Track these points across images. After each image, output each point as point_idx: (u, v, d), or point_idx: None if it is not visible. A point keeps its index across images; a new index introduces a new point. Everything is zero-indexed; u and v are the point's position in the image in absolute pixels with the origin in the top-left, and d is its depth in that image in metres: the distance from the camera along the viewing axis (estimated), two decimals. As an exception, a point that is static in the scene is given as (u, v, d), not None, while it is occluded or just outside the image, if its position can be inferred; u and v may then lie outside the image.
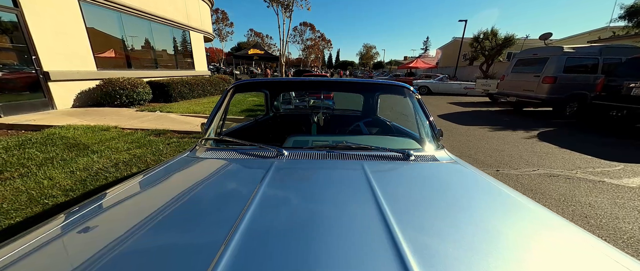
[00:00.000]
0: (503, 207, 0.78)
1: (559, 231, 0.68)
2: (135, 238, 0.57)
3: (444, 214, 0.71)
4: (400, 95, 1.66)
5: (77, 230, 0.63)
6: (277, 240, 0.56)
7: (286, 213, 0.68)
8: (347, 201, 0.76)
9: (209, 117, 1.49)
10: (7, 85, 4.63)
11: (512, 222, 0.69)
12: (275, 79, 1.68)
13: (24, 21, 4.74)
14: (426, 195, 0.86)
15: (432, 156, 1.20)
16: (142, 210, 0.71)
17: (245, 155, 1.15)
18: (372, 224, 0.61)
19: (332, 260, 0.49)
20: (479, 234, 0.61)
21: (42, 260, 0.52)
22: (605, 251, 0.60)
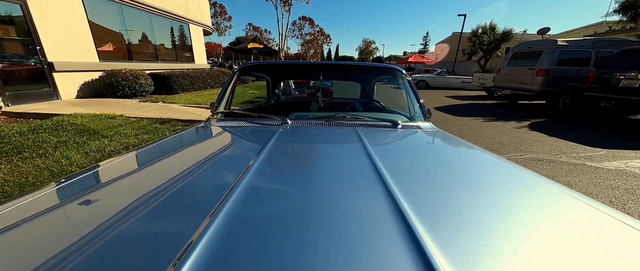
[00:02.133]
0: (477, 160, 0.95)
1: (518, 175, 0.79)
2: (142, 190, 0.63)
3: (422, 156, 0.88)
4: (393, 76, 1.82)
5: (83, 188, 0.66)
6: (281, 185, 0.67)
7: (291, 164, 0.85)
8: (344, 154, 0.93)
9: (219, 96, 1.66)
10: (14, 75, 4.74)
11: (484, 172, 0.84)
12: (278, 62, 1.83)
13: (28, 12, 4.82)
14: (408, 146, 1.03)
15: (417, 125, 1.38)
16: (155, 168, 0.80)
17: (254, 124, 1.32)
18: (365, 170, 0.75)
19: (333, 195, 0.60)
20: (448, 177, 0.77)
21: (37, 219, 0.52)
22: (580, 199, 0.65)
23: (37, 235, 0.46)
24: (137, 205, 0.55)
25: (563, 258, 0.42)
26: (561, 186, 0.72)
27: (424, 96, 10.22)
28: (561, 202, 0.64)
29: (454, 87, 14.08)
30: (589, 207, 0.61)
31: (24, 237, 0.45)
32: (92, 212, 0.54)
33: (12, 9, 4.66)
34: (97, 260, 0.38)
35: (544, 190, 0.70)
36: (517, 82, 7.63)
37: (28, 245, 0.43)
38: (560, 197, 0.66)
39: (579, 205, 0.63)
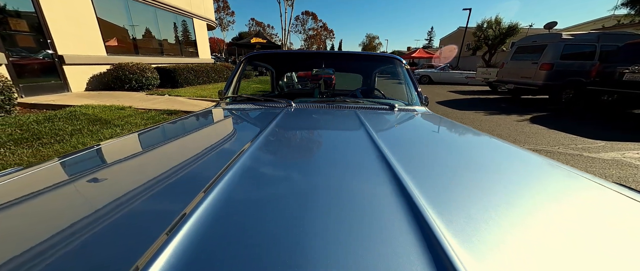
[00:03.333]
0: (474, 139, 1.03)
1: (513, 151, 0.85)
2: (148, 164, 0.68)
3: (418, 134, 0.98)
4: (392, 65, 1.91)
5: (86, 159, 0.71)
6: (284, 157, 0.74)
7: (293, 138, 0.95)
8: (344, 130, 1.03)
9: (227, 82, 1.76)
10: (26, 68, 4.90)
11: (481, 149, 0.91)
12: (283, 51, 1.93)
13: (39, 6, 4.95)
14: (405, 124, 1.13)
15: (413, 109, 1.47)
16: (163, 145, 0.86)
17: (260, 106, 1.42)
18: (363, 143, 0.83)
19: (334, 165, 0.66)
20: (441, 151, 0.87)
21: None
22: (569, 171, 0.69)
23: (43, 203, 0.48)
24: (142, 177, 0.58)
25: (573, 236, 0.40)
26: (554, 161, 0.76)
27: (427, 91, 10.23)
28: (552, 175, 0.67)
29: (458, 82, 14.01)
30: (590, 182, 0.61)
31: (31, 205, 0.47)
32: (97, 183, 0.57)
33: (24, 3, 4.79)
34: (94, 227, 0.38)
35: (533, 163, 0.75)
36: (520, 76, 7.59)
37: (32, 212, 0.45)
38: (552, 170, 0.69)
39: (573, 176, 0.64)
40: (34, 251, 0.33)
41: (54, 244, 0.34)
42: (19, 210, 0.45)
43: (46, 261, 0.31)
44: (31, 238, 0.36)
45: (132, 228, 0.39)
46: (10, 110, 3.82)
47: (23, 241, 0.36)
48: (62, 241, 0.35)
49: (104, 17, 6.44)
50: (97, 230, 0.37)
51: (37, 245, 0.34)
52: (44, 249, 0.33)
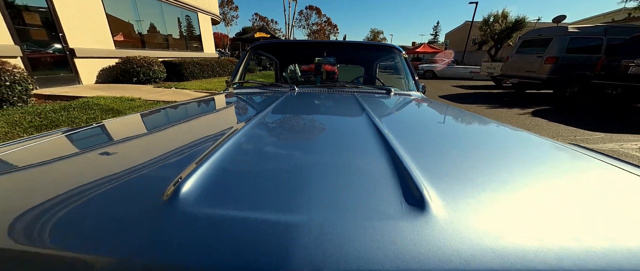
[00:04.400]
0: (467, 117, 1.10)
1: (501, 128, 0.90)
2: (162, 132, 0.75)
3: (411, 111, 1.08)
4: (390, 54, 1.99)
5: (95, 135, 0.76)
6: (286, 126, 0.84)
7: (297, 111, 1.06)
8: (341, 106, 1.14)
9: (234, 71, 1.88)
10: (40, 61, 5.09)
11: (472, 125, 0.98)
12: (287, 41, 2.04)
13: (51, 1, 5.10)
14: (400, 104, 1.24)
15: (409, 94, 1.57)
16: (175, 118, 0.96)
17: (265, 90, 1.53)
18: (357, 115, 0.94)
19: (334, 139, 0.71)
20: (423, 121, 0.97)
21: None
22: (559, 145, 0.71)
23: (70, 161, 0.56)
24: (155, 141, 0.69)
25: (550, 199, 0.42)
26: (544, 137, 0.79)
27: (430, 85, 10.21)
28: (542, 147, 0.70)
29: (462, 77, 13.90)
30: (577, 152, 0.65)
31: (69, 163, 0.55)
32: (139, 139, 0.69)
33: (36, -2, 4.95)
34: (114, 179, 0.43)
35: (519, 136, 0.81)
36: (525, 70, 7.54)
37: (67, 169, 0.52)
38: (542, 143, 0.73)
39: (567, 151, 0.67)
40: (89, 185, 0.43)
41: (96, 181, 0.44)
42: (62, 164, 0.54)
43: (96, 191, 0.41)
44: (86, 175, 0.47)
45: (172, 157, 0.51)
46: (26, 100, 4.00)
47: (82, 174, 0.48)
48: (106, 178, 0.45)
49: (112, 11, 6.58)
50: (115, 184, 0.44)
51: (85, 183, 0.43)
52: (90, 186, 0.43)
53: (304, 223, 0.32)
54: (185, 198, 0.36)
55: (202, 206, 0.35)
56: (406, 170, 0.44)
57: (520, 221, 0.35)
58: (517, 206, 0.39)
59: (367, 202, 0.38)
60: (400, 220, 0.34)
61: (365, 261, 0.28)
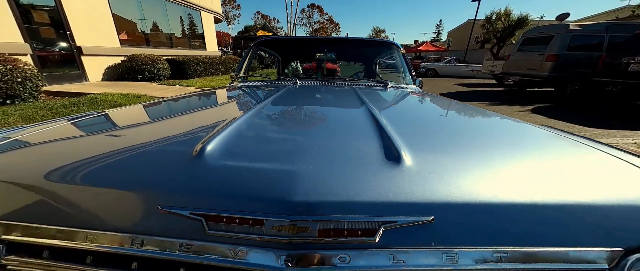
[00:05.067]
0: (458, 106, 1.17)
1: (487, 114, 1.00)
2: (181, 116, 0.91)
3: (405, 101, 1.16)
4: (388, 49, 2.07)
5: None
6: (291, 110, 0.95)
7: (299, 97, 1.15)
8: (340, 96, 1.22)
9: (238, 66, 1.97)
10: (49, 58, 5.22)
11: (459, 111, 1.06)
12: (289, 37, 2.12)
13: (59, 0, 5.23)
14: (395, 94, 1.32)
15: (405, 87, 1.64)
16: (189, 105, 1.10)
17: (268, 83, 1.62)
18: (352, 100, 1.03)
19: (330, 114, 0.85)
20: (412, 107, 1.05)
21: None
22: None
23: (113, 132, 0.69)
24: (179, 118, 0.86)
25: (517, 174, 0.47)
26: (515, 119, 0.91)
27: (431, 84, 10.24)
28: (507, 124, 0.82)
29: (464, 75, 13.88)
30: (554, 135, 0.72)
31: (112, 134, 0.67)
32: (155, 117, 0.86)
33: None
34: (158, 142, 0.56)
35: (491, 116, 0.92)
36: (526, 68, 7.55)
37: (111, 140, 0.62)
38: (509, 122, 0.85)
39: (532, 128, 0.78)
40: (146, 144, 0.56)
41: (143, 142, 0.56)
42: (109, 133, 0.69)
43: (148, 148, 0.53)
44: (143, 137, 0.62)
45: (195, 129, 0.65)
46: (37, 96, 4.13)
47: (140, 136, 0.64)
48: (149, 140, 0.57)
49: (118, 9, 6.70)
50: (174, 134, 0.63)
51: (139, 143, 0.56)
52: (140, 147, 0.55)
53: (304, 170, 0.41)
54: (209, 153, 0.46)
55: (221, 159, 0.45)
56: (388, 136, 0.53)
57: (476, 176, 0.44)
58: (475, 167, 0.47)
59: (354, 156, 0.47)
60: (379, 169, 0.43)
61: (346, 192, 0.36)
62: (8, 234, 0.38)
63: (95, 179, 0.42)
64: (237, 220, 0.35)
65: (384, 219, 0.35)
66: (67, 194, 0.40)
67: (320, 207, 0.35)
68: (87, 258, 0.37)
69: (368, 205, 0.36)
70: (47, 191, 0.40)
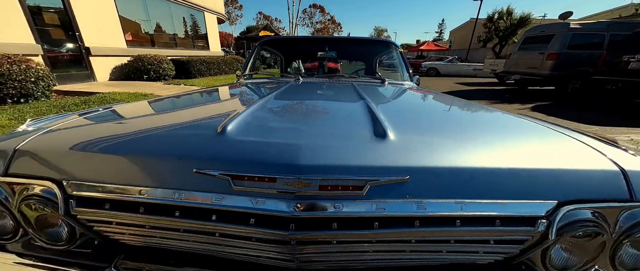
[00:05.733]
0: (448, 98, 1.29)
1: (473, 105, 1.13)
2: (199, 106, 1.06)
3: (400, 94, 1.26)
4: (387, 48, 2.17)
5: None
6: (296, 99, 1.08)
7: (302, 90, 1.25)
8: (339, 89, 1.33)
9: (244, 64, 2.07)
10: (58, 58, 5.38)
11: (447, 102, 1.19)
12: (291, 37, 2.22)
13: (68, 2, 5.38)
14: (390, 89, 1.42)
15: (402, 83, 1.74)
16: (200, 99, 1.23)
17: (272, 80, 1.73)
18: (350, 92, 1.14)
19: (329, 101, 0.99)
20: (403, 97, 1.16)
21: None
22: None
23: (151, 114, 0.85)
24: (199, 107, 0.99)
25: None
26: (492, 108, 1.04)
27: (433, 83, 10.29)
28: (483, 111, 0.96)
29: (466, 74, 13.89)
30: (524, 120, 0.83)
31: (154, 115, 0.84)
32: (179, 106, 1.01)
33: (55, 0, 5.24)
34: (189, 122, 0.72)
35: (471, 105, 1.05)
36: (527, 67, 7.58)
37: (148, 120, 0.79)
38: (484, 109, 0.99)
39: (504, 115, 0.90)
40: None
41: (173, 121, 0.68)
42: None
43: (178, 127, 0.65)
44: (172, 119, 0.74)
45: (214, 114, 0.78)
46: (49, 95, 4.29)
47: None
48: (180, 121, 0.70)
49: (125, 10, 6.86)
50: (199, 117, 0.75)
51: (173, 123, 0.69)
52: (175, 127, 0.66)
53: (308, 142, 0.52)
54: (230, 130, 0.57)
55: (240, 135, 0.56)
56: (378, 119, 0.64)
57: (444, 148, 0.54)
58: (444, 141, 0.58)
59: (348, 132, 0.58)
60: (368, 141, 0.53)
61: (340, 158, 0.47)
62: (78, 191, 0.49)
63: (145, 150, 0.53)
64: (256, 178, 0.45)
65: (369, 178, 0.45)
66: (123, 161, 0.50)
67: (320, 169, 0.46)
68: (140, 208, 0.48)
69: (357, 168, 0.46)
70: (107, 159, 0.51)
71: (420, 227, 0.45)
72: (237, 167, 0.47)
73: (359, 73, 2.38)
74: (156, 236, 0.51)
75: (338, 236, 0.45)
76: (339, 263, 0.52)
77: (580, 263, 0.49)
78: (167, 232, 0.49)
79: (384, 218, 0.45)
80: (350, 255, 0.49)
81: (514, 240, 0.47)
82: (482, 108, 1.02)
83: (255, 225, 0.45)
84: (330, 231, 0.45)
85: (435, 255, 0.50)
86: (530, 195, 0.46)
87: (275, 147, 0.50)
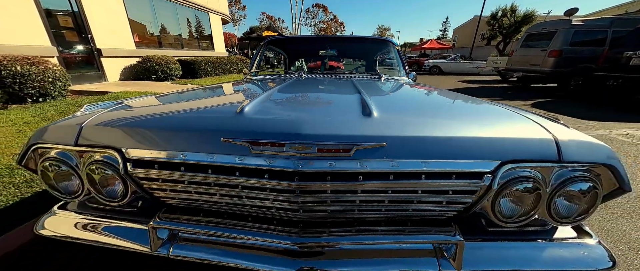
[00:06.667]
0: (437, 91, 1.42)
1: (462, 97, 1.27)
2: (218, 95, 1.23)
3: (393, 88, 1.40)
4: (385, 46, 2.29)
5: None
6: (300, 89, 1.23)
7: (305, 85, 1.39)
8: (339, 85, 1.47)
9: (250, 63, 2.23)
10: (72, 59, 5.62)
11: (434, 93, 1.32)
12: (296, 36, 2.37)
13: (81, 5, 5.62)
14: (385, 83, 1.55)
15: (397, 78, 1.87)
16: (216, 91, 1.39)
17: (277, 76, 1.87)
18: (349, 86, 1.27)
19: (328, 90, 1.14)
20: (394, 91, 1.29)
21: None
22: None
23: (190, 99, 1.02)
24: (219, 96, 1.15)
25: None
26: (468, 96, 1.19)
27: (435, 81, 10.34)
28: (460, 98, 1.11)
29: (469, 72, 13.88)
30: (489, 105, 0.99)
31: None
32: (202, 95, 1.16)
33: (68, 4, 5.46)
34: (213, 105, 0.93)
35: (453, 94, 1.20)
36: (529, 64, 7.60)
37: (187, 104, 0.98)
38: (461, 96, 1.14)
39: (474, 100, 1.06)
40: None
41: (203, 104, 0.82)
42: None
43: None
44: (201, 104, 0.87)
45: (233, 101, 0.93)
46: (65, 95, 4.51)
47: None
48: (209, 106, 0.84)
49: (134, 13, 7.09)
50: (221, 102, 0.92)
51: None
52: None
53: (308, 118, 0.67)
54: (247, 111, 0.72)
55: (255, 114, 0.71)
56: (366, 103, 0.79)
57: (416, 123, 0.68)
58: (415, 117, 0.73)
59: (341, 111, 0.74)
60: (356, 118, 0.68)
61: (333, 129, 0.61)
62: (134, 156, 0.64)
63: (184, 124, 0.69)
64: (269, 144, 0.60)
65: (356, 143, 0.59)
66: (166, 133, 0.65)
67: (318, 137, 0.60)
68: (181, 168, 0.63)
69: (347, 136, 0.60)
70: (155, 131, 0.66)
71: (394, 180, 0.59)
72: (254, 136, 0.61)
73: (359, 70, 2.52)
74: (192, 191, 0.65)
75: (331, 186, 0.59)
76: (333, 214, 0.66)
77: (523, 212, 0.63)
78: (200, 187, 0.64)
79: (366, 173, 0.59)
80: (342, 205, 0.64)
81: (467, 190, 0.60)
82: (455, 96, 1.18)
83: (269, 178, 0.60)
84: (325, 182, 0.59)
85: (409, 205, 0.64)
86: (480, 157, 0.60)
87: (283, 121, 0.65)
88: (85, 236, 0.71)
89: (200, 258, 0.63)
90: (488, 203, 0.62)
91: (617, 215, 1.60)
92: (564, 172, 0.61)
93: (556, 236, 0.69)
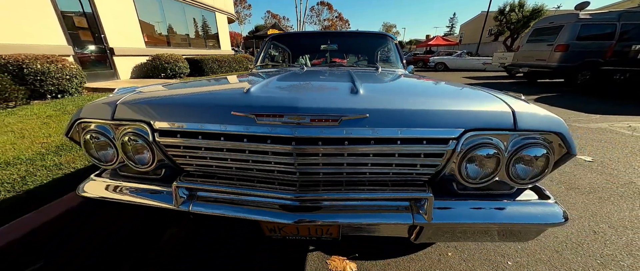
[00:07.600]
0: (430, 81, 1.54)
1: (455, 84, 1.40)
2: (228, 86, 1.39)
3: (388, 78, 1.51)
4: (383, 40, 2.39)
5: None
6: (300, 75, 1.37)
7: (305, 74, 1.52)
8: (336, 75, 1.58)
9: (256, 57, 2.36)
10: (87, 58, 5.89)
11: (411, 78, 1.46)
12: (299, 32, 2.49)
13: (95, 7, 5.87)
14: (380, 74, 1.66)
15: (394, 70, 1.97)
16: (222, 82, 1.54)
17: (281, 69, 2.00)
18: (345, 75, 1.38)
19: (325, 78, 1.26)
20: (386, 79, 1.40)
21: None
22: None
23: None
24: (230, 82, 1.28)
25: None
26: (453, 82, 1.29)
27: (440, 77, 10.30)
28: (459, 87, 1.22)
29: (474, 68, 13.73)
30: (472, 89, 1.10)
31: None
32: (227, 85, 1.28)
33: (84, 5, 5.72)
34: (225, 88, 1.08)
35: (435, 81, 1.30)
36: (536, 59, 7.51)
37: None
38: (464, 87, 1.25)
39: (457, 85, 1.17)
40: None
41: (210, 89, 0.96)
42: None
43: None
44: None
45: (241, 85, 1.01)
46: (81, 91, 4.76)
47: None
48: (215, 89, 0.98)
49: (143, 13, 7.33)
50: (231, 86, 1.01)
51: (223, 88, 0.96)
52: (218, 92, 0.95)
53: (304, 95, 0.79)
54: (252, 91, 0.85)
55: (259, 93, 0.83)
56: (355, 86, 0.90)
57: (395, 99, 0.80)
58: (394, 96, 0.86)
59: (332, 91, 0.87)
60: (345, 95, 0.80)
61: (324, 103, 0.74)
62: (160, 127, 0.78)
63: (202, 101, 0.83)
64: (271, 115, 0.72)
65: (342, 114, 0.71)
66: (187, 108, 0.79)
67: (311, 109, 0.72)
68: (199, 136, 0.76)
69: (335, 109, 0.72)
70: (177, 107, 0.80)
71: (374, 145, 0.71)
72: (259, 110, 0.74)
73: (359, 64, 2.62)
74: (207, 157, 0.79)
75: (322, 149, 0.72)
76: (325, 177, 0.79)
77: (485, 173, 0.74)
78: (214, 152, 0.77)
79: (351, 138, 0.71)
80: (332, 168, 0.76)
81: (436, 153, 0.72)
82: (438, 81, 1.31)
83: (271, 143, 0.72)
84: (317, 145, 0.71)
85: (389, 168, 0.75)
86: (446, 126, 0.71)
87: (283, 98, 0.78)
88: (116, 196, 0.86)
89: (215, 213, 0.77)
90: (455, 166, 0.73)
91: (604, 199, 1.67)
92: (519, 140, 0.72)
93: (519, 198, 0.79)
